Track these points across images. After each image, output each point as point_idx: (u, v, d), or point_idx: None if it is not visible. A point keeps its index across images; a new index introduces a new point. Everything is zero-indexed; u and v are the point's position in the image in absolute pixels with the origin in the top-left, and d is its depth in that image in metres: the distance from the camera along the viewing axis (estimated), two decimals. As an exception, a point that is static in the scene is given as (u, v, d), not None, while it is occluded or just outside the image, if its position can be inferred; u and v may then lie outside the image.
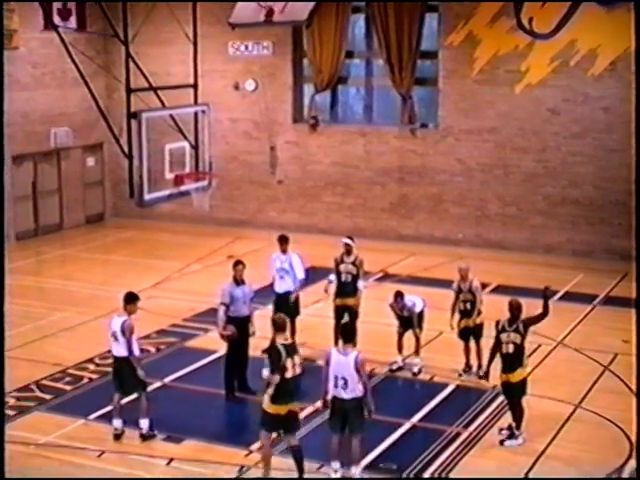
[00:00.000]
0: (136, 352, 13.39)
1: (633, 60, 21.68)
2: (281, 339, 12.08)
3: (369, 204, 26.48)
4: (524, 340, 13.15)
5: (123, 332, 13.19)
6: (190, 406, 13.38)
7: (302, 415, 14.10)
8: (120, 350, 13.27)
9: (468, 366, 15.82)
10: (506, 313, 13.32)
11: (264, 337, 16.57)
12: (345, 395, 11.84)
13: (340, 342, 12.19)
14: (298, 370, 12.02)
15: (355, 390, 11.81)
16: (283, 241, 16.74)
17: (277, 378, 11.83)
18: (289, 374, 11.90)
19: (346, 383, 11.80)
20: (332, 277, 16.71)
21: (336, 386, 11.89)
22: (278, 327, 12.18)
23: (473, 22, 24.52)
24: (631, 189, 22.15)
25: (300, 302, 16.84)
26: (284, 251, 16.68)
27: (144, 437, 13.33)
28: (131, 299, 13.49)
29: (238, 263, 15.11)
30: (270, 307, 16.93)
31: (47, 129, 26.87)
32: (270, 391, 11.91)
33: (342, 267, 16.48)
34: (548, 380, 15.46)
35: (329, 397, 12.13)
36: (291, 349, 12.05)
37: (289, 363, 11.90)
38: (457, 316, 15.69)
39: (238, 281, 14.96)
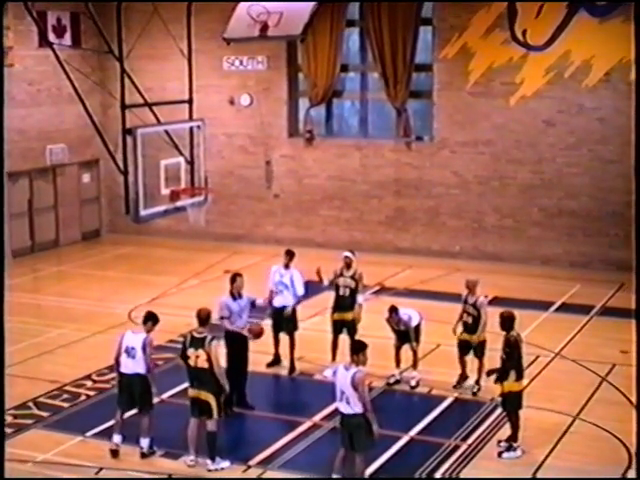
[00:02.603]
0: (153, 369, 13.48)
1: (633, 68, 21.68)
2: (196, 331, 13.11)
3: (365, 217, 26.49)
4: (509, 355, 13.13)
5: (144, 349, 13.19)
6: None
7: (299, 430, 14.17)
8: (135, 367, 13.20)
9: (463, 378, 15.78)
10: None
11: (262, 352, 16.68)
12: (348, 410, 11.82)
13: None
14: (201, 363, 12.89)
15: (356, 406, 11.77)
16: (289, 256, 16.73)
17: (183, 363, 13.19)
18: (191, 362, 12.97)
19: (347, 398, 11.79)
20: (325, 282, 16.68)
21: (340, 400, 11.90)
22: (198, 320, 13.17)
23: (467, 35, 24.57)
24: (628, 200, 22.19)
25: (298, 317, 16.84)
26: (287, 266, 16.67)
27: (144, 455, 13.30)
28: (155, 319, 13.48)
29: (236, 277, 15.09)
30: (268, 321, 16.92)
31: (43, 146, 26.90)
32: None
33: (341, 281, 16.45)
34: (546, 391, 15.44)
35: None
36: (196, 341, 12.98)
37: (190, 353, 12.97)
38: (460, 328, 15.66)
39: (235, 295, 14.96)
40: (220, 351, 13.48)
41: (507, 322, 13.28)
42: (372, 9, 25.19)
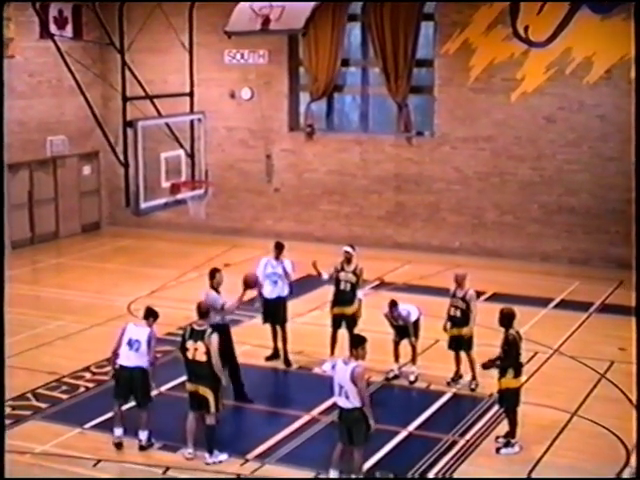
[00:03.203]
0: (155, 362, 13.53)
1: (634, 65, 21.68)
2: (196, 324, 13.11)
3: (365, 212, 26.48)
4: (508, 352, 13.11)
5: (149, 342, 13.20)
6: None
7: (297, 424, 14.19)
8: (138, 360, 13.18)
9: (457, 375, 15.79)
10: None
11: (261, 346, 16.70)
12: (347, 404, 11.82)
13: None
14: (199, 356, 12.83)
15: (355, 400, 11.77)
16: (279, 248, 16.74)
17: (181, 356, 13.13)
18: (189, 355, 12.93)
19: (346, 392, 11.79)
20: (325, 275, 16.68)
21: (339, 394, 11.88)
22: (198, 312, 13.20)
23: (469, 30, 24.55)
24: (627, 197, 22.16)
25: (288, 309, 16.84)
26: (277, 258, 16.67)
27: (143, 448, 13.31)
28: (156, 315, 13.53)
29: (215, 273, 15.04)
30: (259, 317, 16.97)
31: (43, 137, 26.89)
32: None
33: (342, 275, 16.42)
34: (544, 388, 15.46)
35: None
36: (196, 334, 12.96)
37: (189, 345, 12.92)
38: (449, 323, 15.66)
39: (217, 289, 14.90)
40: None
41: (506, 319, 13.26)
42: (374, 4, 25.17)
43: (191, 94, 18.10)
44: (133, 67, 17.39)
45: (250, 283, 14.83)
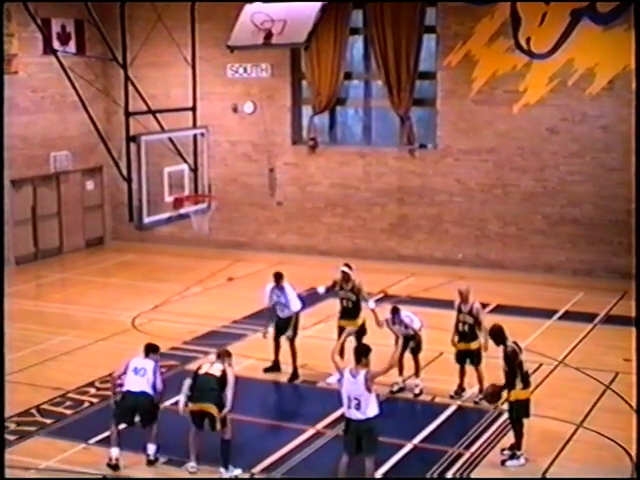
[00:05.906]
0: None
1: (634, 76, 21.72)
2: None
3: (369, 225, 26.48)
4: (510, 366, 13.10)
5: (155, 372, 13.25)
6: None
7: (302, 438, 14.15)
8: (143, 386, 13.15)
9: (461, 388, 15.75)
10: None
11: (266, 359, 16.67)
12: (359, 416, 11.80)
13: (352, 363, 12.16)
14: (213, 370, 12.93)
15: (367, 411, 11.76)
16: (279, 278, 16.75)
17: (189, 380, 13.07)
18: (201, 371, 13.04)
19: (359, 404, 11.77)
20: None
21: (349, 407, 11.86)
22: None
23: (471, 43, 24.58)
24: (631, 207, 22.13)
25: (299, 325, 16.87)
26: (280, 287, 16.70)
27: (151, 462, 13.26)
28: (156, 349, 13.65)
29: None
30: (270, 329, 16.94)
31: (46, 153, 26.92)
32: None
33: (342, 294, 16.62)
34: (549, 400, 15.40)
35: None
36: (213, 362, 13.17)
37: (205, 366, 13.11)
38: (456, 337, 15.63)
39: None
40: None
41: (497, 336, 13.32)
42: (376, 17, 25.22)
43: (194, 108, 18.14)
44: (136, 82, 17.48)
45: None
